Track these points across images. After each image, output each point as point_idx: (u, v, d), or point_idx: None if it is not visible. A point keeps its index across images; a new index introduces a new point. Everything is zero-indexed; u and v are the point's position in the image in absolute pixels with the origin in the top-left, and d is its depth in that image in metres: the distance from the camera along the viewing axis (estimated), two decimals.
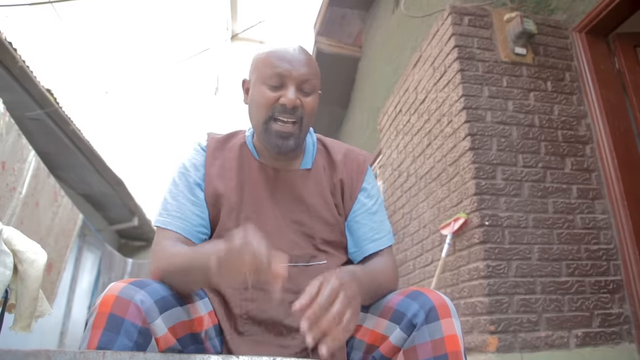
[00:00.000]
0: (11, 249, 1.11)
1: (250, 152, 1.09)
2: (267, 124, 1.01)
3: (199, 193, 1.02)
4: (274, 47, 1.05)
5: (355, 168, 1.11)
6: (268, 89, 1.00)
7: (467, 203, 2.42)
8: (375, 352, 0.89)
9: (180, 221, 0.99)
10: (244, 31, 10.18)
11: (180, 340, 0.85)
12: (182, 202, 1.01)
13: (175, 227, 0.98)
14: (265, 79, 1.00)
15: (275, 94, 0.99)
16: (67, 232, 4.27)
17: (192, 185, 1.03)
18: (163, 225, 0.99)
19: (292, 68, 1.00)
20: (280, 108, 0.99)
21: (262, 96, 1.00)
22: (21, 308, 1.13)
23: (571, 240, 2.37)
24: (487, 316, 2.15)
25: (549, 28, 2.81)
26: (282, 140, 1.00)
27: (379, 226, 1.08)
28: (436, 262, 2.71)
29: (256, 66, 1.05)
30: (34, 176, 3.37)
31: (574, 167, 2.53)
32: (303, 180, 1.07)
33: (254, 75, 1.05)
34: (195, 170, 1.05)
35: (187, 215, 1.00)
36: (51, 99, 3.93)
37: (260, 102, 1.01)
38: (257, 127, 1.04)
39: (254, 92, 1.04)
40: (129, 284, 0.81)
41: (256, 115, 1.03)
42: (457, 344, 0.81)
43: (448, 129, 2.70)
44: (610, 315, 2.26)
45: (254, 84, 1.04)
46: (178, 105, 10.15)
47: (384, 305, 0.92)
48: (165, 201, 1.02)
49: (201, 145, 1.10)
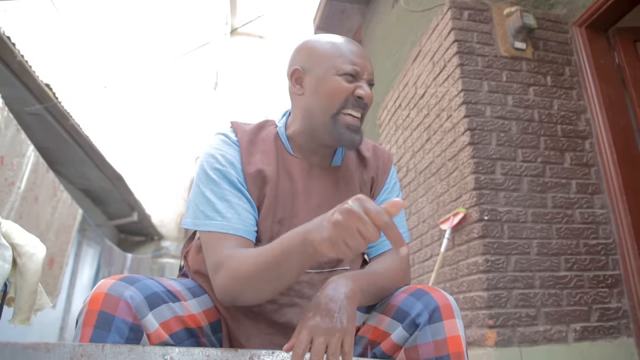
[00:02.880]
0: (10, 243, 1.11)
1: (284, 146, 1.04)
2: (337, 116, 0.97)
3: (244, 190, 0.96)
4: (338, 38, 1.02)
5: (382, 165, 1.11)
6: (344, 80, 0.97)
7: (467, 198, 2.42)
8: (376, 349, 0.89)
9: (239, 223, 0.92)
10: (243, 26, 10.15)
11: (175, 335, 0.84)
12: (235, 202, 0.94)
13: (235, 230, 0.91)
14: (340, 70, 0.96)
15: (351, 86, 0.97)
16: (67, 227, 4.27)
17: (236, 182, 0.96)
18: (222, 230, 0.91)
19: (365, 62, 0.99)
20: (354, 100, 0.97)
21: (338, 87, 0.96)
22: (20, 301, 1.13)
23: (570, 234, 2.38)
24: (486, 310, 2.16)
25: (549, 22, 2.80)
26: (353, 134, 0.97)
27: (399, 223, 1.07)
28: (435, 257, 2.72)
29: (321, 55, 1.00)
30: (33, 171, 3.37)
31: (573, 162, 2.53)
32: (335, 178, 1.05)
33: (320, 66, 0.99)
34: (233, 167, 0.98)
35: (243, 215, 0.93)
36: (50, 93, 3.92)
37: (333, 93, 0.97)
38: (323, 120, 0.98)
39: (322, 83, 0.98)
40: (118, 280, 0.80)
41: (325, 105, 0.98)
42: (459, 345, 0.81)
43: (447, 123, 2.70)
44: (609, 310, 2.27)
45: (320, 74, 0.98)
46: (177, 100, 10.12)
47: (388, 302, 0.91)
48: (210, 202, 0.93)
49: (231, 139, 1.02)
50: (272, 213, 0.98)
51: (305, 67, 1.02)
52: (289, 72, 1.05)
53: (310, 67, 1.01)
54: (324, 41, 1.02)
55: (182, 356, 0.74)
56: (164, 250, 9.34)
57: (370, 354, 0.90)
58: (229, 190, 0.95)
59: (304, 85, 1.02)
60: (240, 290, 0.85)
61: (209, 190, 0.95)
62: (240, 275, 0.84)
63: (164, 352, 0.74)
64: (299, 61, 1.03)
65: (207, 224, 0.92)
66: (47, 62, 5.92)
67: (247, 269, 0.83)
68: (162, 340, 0.80)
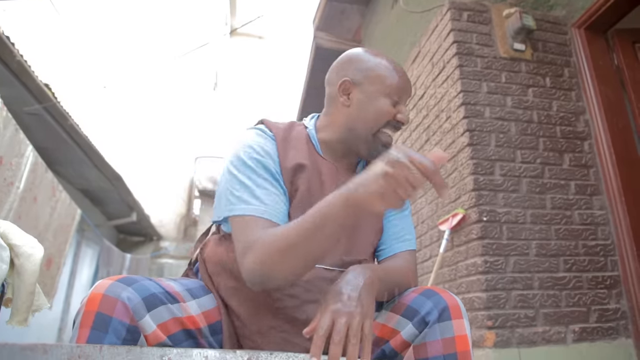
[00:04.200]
0: (8, 243, 1.10)
1: (314, 148, 1.07)
2: (377, 134, 1.03)
3: (281, 182, 0.98)
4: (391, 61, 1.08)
5: None
6: (391, 103, 1.03)
7: (466, 199, 2.42)
8: (385, 346, 0.90)
9: (275, 210, 0.92)
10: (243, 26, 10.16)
11: (173, 336, 0.84)
12: (271, 190, 0.94)
13: (271, 216, 0.91)
14: (389, 94, 1.03)
15: (395, 110, 1.04)
16: (65, 227, 4.26)
17: (273, 173, 0.97)
18: (258, 215, 0.90)
19: (409, 88, 1.08)
20: (395, 123, 1.04)
21: (385, 110, 1.03)
22: (18, 302, 1.13)
23: (569, 236, 2.38)
24: (485, 311, 2.16)
25: (548, 24, 2.81)
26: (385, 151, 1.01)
27: (409, 228, 1.12)
28: (434, 258, 2.72)
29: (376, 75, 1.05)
30: (32, 171, 3.37)
31: (572, 163, 2.53)
32: None
33: (372, 84, 1.04)
34: (270, 157, 0.99)
35: (279, 204, 0.94)
36: (49, 93, 3.92)
37: (379, 114, 1.03)
38: (364, 134, 1.04)
39: (371, 101, 1.04)
40: (116, 281, 0.80)
41: (369, 123, 1.03)
42: (466, 344, 0.83)
43: (446, 124, 2.70)
44: (608, 311, 2.27)
45: (371, 92, 1.04)
46: (176, 101, 10.12)
47: (397, 301, 0.93)
48: (247, 188, 0.93)
49: (267, 133, 1.04)
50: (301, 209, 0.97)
51: (356, 80, 1.06)
52: (337, 80, 1.07)
53: (361, 82, 1.05)
54: (378, 61, 1.07)
55: (180, 357, 0.74)
56: (163, 250, 9.34)
57: (379, 350, 0.91)
58: (266, 179, 0.95)
59: (351, 98, 1.05)
60: (272, 268, 0.83)
61: (246, 177, 0.94)
62: (273, 250, 0.83)
63: (162, 353, 0.73)
64: (351, 73, 1.06)
65: (244, 208, 0.91)
66: (46, 62, 5.91)
67: (280, 244, 0.82)
68: (159, 342, 0.80)
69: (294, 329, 0.93)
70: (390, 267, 1.01)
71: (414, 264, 1.08)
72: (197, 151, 10.46)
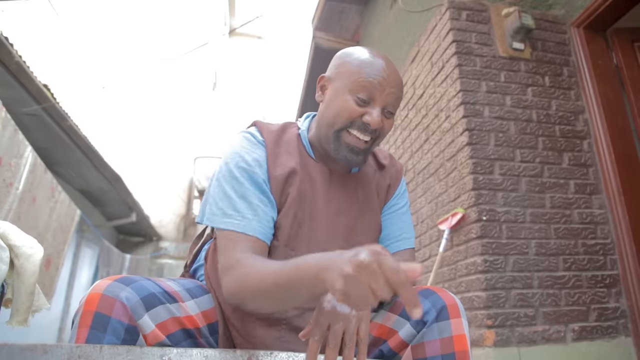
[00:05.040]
0: (7, 244, 1.10)
1: (306, 150, 1.04)
2: (340, 132, 0.96)
3: (268, 192, 0.95)
4: (369, 56, 0.97)
5: (395, 174, 1.15)
6: (354, 101, 0.94)
7: (465, 198, 2.42)
8: (382, 346, 0.90)
9: (256, 224, 0.90)
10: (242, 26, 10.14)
11: (171, 336, 0.83)
12: (255, 203, 0.92)
13: (253, 231, 0.89)
14: (353, 90, 0.94)
15: (360, 109, 0.94)
16: (64, 228, 4.26)
17: (260, 183, 0.94)
18: (239, 230, 0.89)
19: (384, 86, 0.94)
20: (361, 124, 0.94)
21: (345, 108, 0.94)
22: (18, 303, 1.13)
23: (568, 235, 2.38)
24: (485, 311, 2.16)
25: (547, 23, 2.81)
26: (352, 155, 0.96)
27: (407, 227, 1.11)
28: (434, 257, 2.72)
29: (345, 70, 0.98)
30: (31, 172, 3.37)
31: (572, 162, 2.54)
32: (354, 185, 1.07)
33: (340, 80, 0.98)
34: (259, 166, 0.96)
35: (261, 216, 0.91)
36: (48, 94, 3.91)
37: (340, 113, 0.95)
38: (326, 132, 0.98)
39: (335, 97, 0.97)
40: (114, 281, 0.80)
41: (331, 121, 0.97)
42: (465, 344, 0.83)
43: (446, 124, 2.70)
44: (607, 310, 2.27)
45: (338, 88, 0.97)
46: (176, 101, 10.12)
47: (395, 301, 0.93)
48: (230, 199, 0.92)
49: (257, 138, 1.01)
50: (292, 214, 0.97)
51: (331, 76, 1.02)
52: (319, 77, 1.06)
53: (334, 78, 1.01)
54: (356, 56, 0.99)
55: (180, 357, 0.74)
56: (162, 250, 9.33)
57: (377, 351, 0.91)
58: (251, 190, 0.93)
59: (325, 94, 1.02)
60: (245, 298, 0.83)
61: (231, 187, 0.93)
62: (247, 285, 0.82)
63: (162, 353, 0.74)
64: (330, 69, 1.04)
65: (224, 221, 0.90)
66: (45, 62, 5.91)
67: (255, 283, 0.81)
68: (158, 341, 0.80)
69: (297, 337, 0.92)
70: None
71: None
72: (196, 151, 10.45)
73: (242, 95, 12.19)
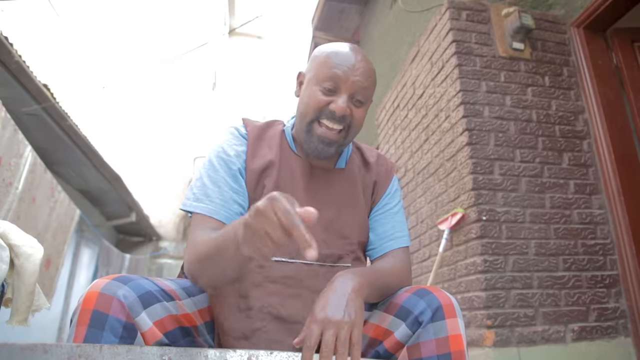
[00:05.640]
0: (7, 243, 1.10)
1: (289, 146, 1.08)
2: (311, 124, 1.00)
3: (241, 181, 1.00)
4: (337, 48, 1.02)
5: (384, 172, 1.15)
6: (320, 91, 0.98)
7: (465, 198, 2.42)
8: (378, 347, 0.90)
9: (223, 209, 0.95)
10: (242, 26, 10.14)
11: (169, 334, 0.83)
12: (225, 189, 0.97)
13: (218, 215, 0.95)
14: (320, 80, 0.98)
15: (326, 98, 0.98)
16: (64, 227, 4.26)
17: (235, 172, 1.00)
18: (205, 213, 0.95)
19: (349, 75, 0.97)
20: (328, 113, 0.98)
21: (313, 98, 0.99)
22: (18, 302, 1.13)
23: (568, 235, 2.38)
24: (484, 311, 2.16)
25: (547, 23, 2.81)
26: (323, 146, 1.00)
27: (399, 226, 1.11)
28: (433, 257, 2.72)
29: (315, 63, 1.02)
30: (31, 171, 3.36)
31: (571, 163, 2.54)
32: (338, 180, 1.08)
33: (310, 73, 1.03)
34: (237, 157, 1.02)
35: (229, 203, 0.96)
36: (48, 94, 3.91)
37: (309, 103, 0.99)
38: (300, 125, 1.03)
39: (305, 89, 1.02)
40: (112, 279, 0.80)
41: (303, 112, 1.01)
42: (460, 344, 0.83)
43: (446, 124, 2.70)
44: (607, 310, 2.27)
45: (308, 81, 1.02)
46: (175, 100, 10.12)
47: (390, 301, 0.92)
48: (204, 186, 0.98)
49: (241, 132, 1.07)
50: None
51: (305, 72, 1.07)
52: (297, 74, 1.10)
53: (307, 72, 1.05)
54: (325, 49, 1.04)
55: (179, 357, 0.74)
56: (162, 250, 9.32)
57: (372, 352, 0.90)
58: (223, 178, 0.99)
59: (301, 89, 1.07)
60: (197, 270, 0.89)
61: (207, 175, 1.00)
62: (196, 256, 0.88)
63: (162, 353, 0.73)
64: (307, 65, 1.08)
65: (194, 205, 0.97)
66: (45, 62, 5.91)
67: (200, 250, 0.87)
68: (156, 339, 0.80)
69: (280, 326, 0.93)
70: (382, 268, 1.00)
71: (407, 261, 1.06)
72: (196, 151, 10.44)
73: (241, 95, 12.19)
